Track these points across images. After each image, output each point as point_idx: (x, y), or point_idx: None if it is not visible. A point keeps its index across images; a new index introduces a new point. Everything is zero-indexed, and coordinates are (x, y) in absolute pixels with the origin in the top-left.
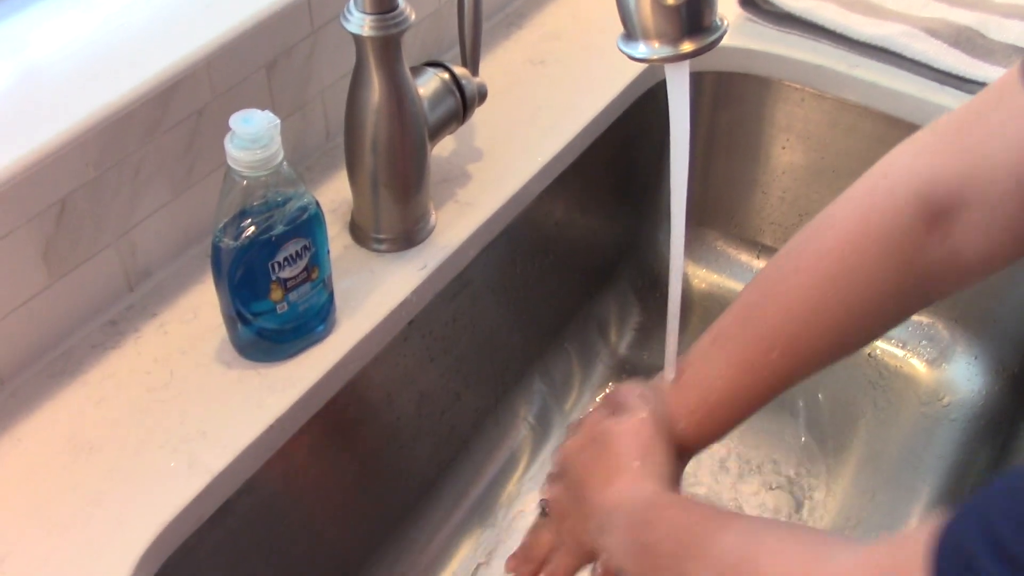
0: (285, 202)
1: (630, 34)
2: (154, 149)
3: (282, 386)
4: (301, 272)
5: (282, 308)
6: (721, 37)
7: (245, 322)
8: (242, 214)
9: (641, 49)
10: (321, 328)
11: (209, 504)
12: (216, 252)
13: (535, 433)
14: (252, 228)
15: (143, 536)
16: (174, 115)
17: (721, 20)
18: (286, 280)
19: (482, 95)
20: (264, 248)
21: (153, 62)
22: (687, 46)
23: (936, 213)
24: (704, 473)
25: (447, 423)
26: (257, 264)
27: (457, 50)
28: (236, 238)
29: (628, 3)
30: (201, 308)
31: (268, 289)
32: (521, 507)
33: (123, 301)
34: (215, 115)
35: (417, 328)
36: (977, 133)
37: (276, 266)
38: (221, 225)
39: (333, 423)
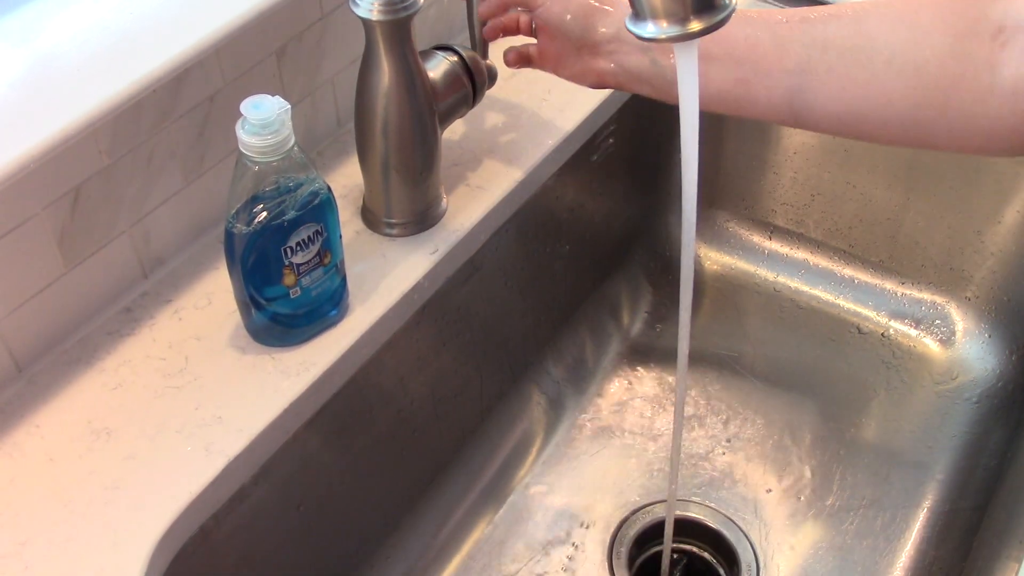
0: (297, 187)
1: (638, 14)
2: (166, 136)
3: (296, 371)
4: (314, 257)
5: (295, 293)
6: (730, 16)
7: (259, 307)
8: (254, 199)
9: (649, 29)
10: (334, 313)
11: (225, 488)
12: (229, 238)
13: (548, 416)
14: (264, 213)
15: (161, 520)
16: (185, 102)
17: None
18: (299, 265)
19: (492, 77)
20: (276, 233)
21: (163, 50)
22: (695, 25)
23: (1010, 33)
24: (717, 453)
25: (460, 407)
26: (270, 249)
27: (466, 34)
28: (248, 223)
29: None
30: (215, 294)
31: (281, 274)
32: (535, 489)
33: (137, 288)
34: (226, 102)
35: (429, 312)
36: None
37: (288, 251)
38: (233, 211)
39: (347, 407)
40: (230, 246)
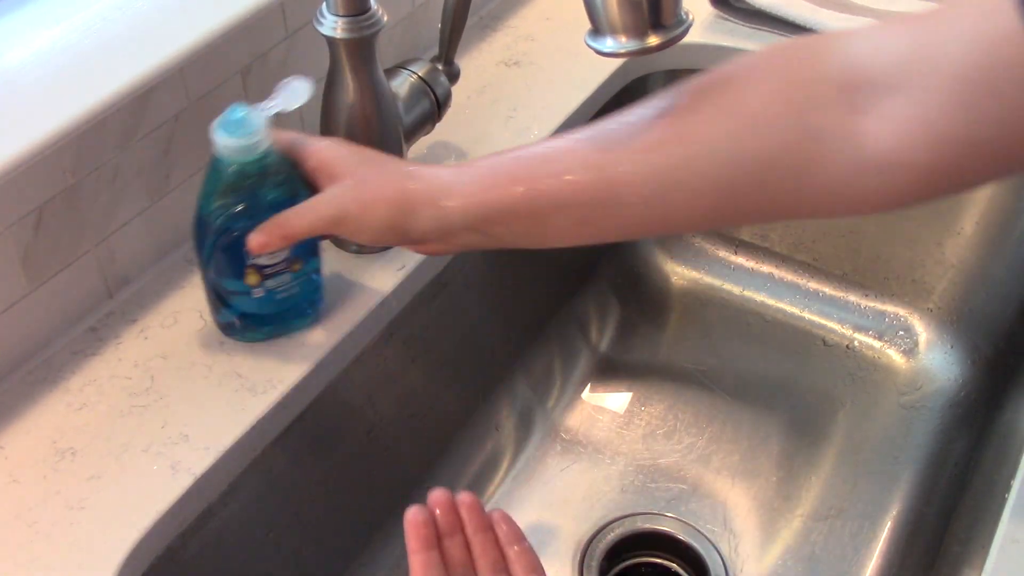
0: (273, 189)
1: (597, 29)
2: (131, 155)
3: (263, 388)
4: (281, 262)
5: (258, 293)
6: (687, 30)
7: (224, 303)
8: (228, 195)
9: (608, 44)
10: (303, 320)
11: (192, 507)
12: (199, 225)
13: (518, 432)
14: (239, 206)
15: (126, 540)
16: (150, 121)
17: (686, 14)
18: (263, 266)
19: (455, 77)
20: (245, 229)
21: (127, 69)
22: (653, 39)
23: (860, 92)
24: (686, 466)
25: (429, 423)
26: (235, 244)
27: (430, 53)
28: (219, 216)
29: None
30: (181, 313)
31: (243, 272)
32: (506, 505)
33: (103, 308)
34: (191, 121)
35: (398, 329)
36: (931, 20)
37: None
38: (206, 203)
39: (315, 425)
40: (200, 233)
